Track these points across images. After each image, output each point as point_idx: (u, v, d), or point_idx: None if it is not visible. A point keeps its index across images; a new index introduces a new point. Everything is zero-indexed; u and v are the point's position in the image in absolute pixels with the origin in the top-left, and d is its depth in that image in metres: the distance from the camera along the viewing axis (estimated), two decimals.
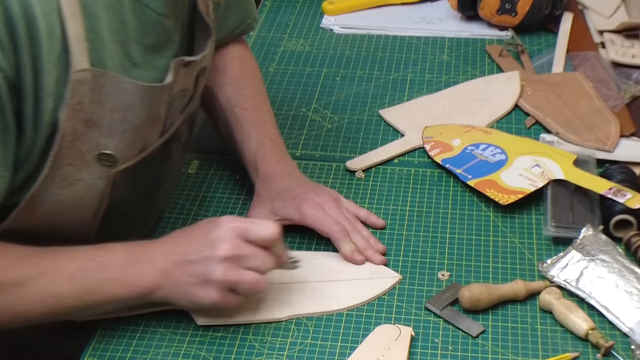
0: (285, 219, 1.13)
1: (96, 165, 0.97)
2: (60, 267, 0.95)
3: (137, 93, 0.97)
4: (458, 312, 1.03)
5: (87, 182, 0.98)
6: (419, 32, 1.65)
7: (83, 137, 0.94)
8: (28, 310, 0.93)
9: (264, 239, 0.98)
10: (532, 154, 1.25)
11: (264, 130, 1.22)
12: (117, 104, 0.96)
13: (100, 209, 1.02)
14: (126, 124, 0.97)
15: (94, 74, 0.92)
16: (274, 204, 1.14)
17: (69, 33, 0.89)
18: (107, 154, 0.97)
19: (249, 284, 0.97)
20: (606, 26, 1.59)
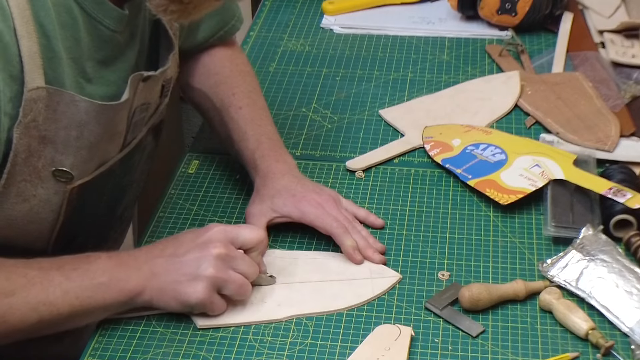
0: (285, 217, 1.13)
1: (52, 181, 0.98)
2: (48, 276, 0.95)
3: (92, 111, 0.97)
4: (458, 312, 1.03)
5: (43, 198, 0.98)
6: (419, 32, 1.65)
7: (38, 153, 0.95)
8: (20, 320, 0.93)
9: (251, 242, 1.01)
10: (532, 154, 1.25)
11: (261, 129, 1.22)
12: (72, 122, 0.96)
13: (57, 224, 1.02)
14: (82, 141, 0.98)
15: (49, 91, 0.92)
16: (273, 201, 1.14)
17: (23, 51, 0.89)
18: (63, 170, 0.98)
19: (237, 285, 0.99)
20: (606, 26, 1.59)
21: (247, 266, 1.00)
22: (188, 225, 1.18)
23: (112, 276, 0.97)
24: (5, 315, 0.92)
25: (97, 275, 0.96)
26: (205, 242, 0.99)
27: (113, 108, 1.00)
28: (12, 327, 0.93)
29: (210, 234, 1.00)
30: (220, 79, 1.26)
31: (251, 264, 1.01)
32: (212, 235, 1.00)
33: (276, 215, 1.13)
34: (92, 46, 0.99)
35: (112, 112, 1.00)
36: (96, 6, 0.97)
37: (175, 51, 1.10)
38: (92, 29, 0.98)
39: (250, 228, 1.03)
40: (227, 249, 0.99)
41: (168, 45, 1.10)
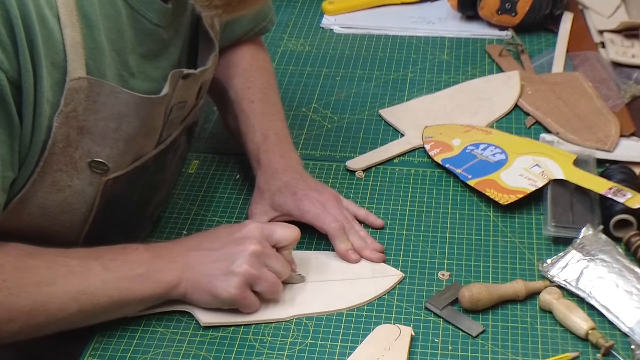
0: (285, 215, 1.13)
1: (87, 172, 0.98)
2: (88, 266, 0.96)
3: (132, 103, 0.97)
4: (458, 312, 1.03)
5: (77, 189, 0.98)
6: (419, 32, 1.65)
7: (75, 144, 0.95)
8: (60, 309, 0.94)
9: (286, 240, 1.02)
10: (532, 154, 1.25)
11: (270, 124, 1.21)
12: (111, 113, 0.96)
13: (89, 216, 1.02)
14: (120, 133, 0.98)
15: (91, 82, 0.92)
16: (274, 199, 1.14)
17: (67, 40, 0.89)
18: (99, 161, 0.98)
19: (269, 283, 1.00)
20: (606, 26, 1.59)
21: (280, 265, 1.01)
22: (188, 225, 1.18)
23: (149, 268, 0.98)
24: (47, 304, 0.93)
25: (135, 267, 0.97)
26: (241, 237, 1.00)
27: (152, 102, 1.00)
28: (52, 316, 0.94)
29: (246, 230, 1.01)
30: (237, 71, 1.26)
31: (284, 262, 1.02)
32: (248, 231, 1.00)
33: (277, 214, 1.13)
34: (135, 39, 0.98)
35: (150, 106, 1.00)
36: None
37: (216, 53, 1.10)
38: (135, 22, 0.98)
39: (286, 226, 1.03)
40: (262, 245, 1.00)
41: (208, 46, 1.09)
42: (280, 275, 1.01)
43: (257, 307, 1.01)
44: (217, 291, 0.98)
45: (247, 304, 1.00)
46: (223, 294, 0.98)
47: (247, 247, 0.99)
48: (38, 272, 0.93)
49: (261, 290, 1.00)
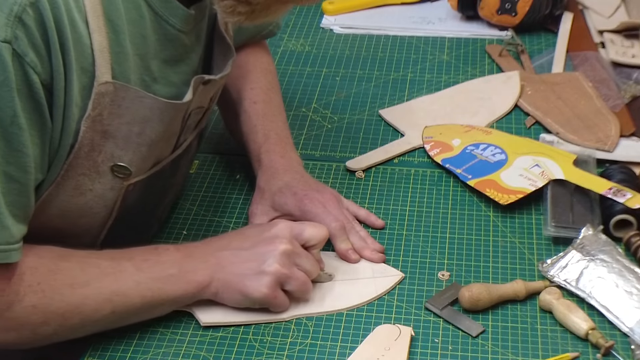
0: (286, 215, 1.13)
1: (109, 177, 0.98)
2: (120, 267, 0.96)
3: (157, 108, 0.98)
4: (458, 312, 1.03)
5: (98, 193, 0.98)
6: (419, 32, 1.65)
7: (99, 148, 0.95)
8: (94, 311, 0.94)
9: (315, 239, 1.02)
10: (532, 154, 1.25)
11: (272, 124, 1.22)
12: (135, 118, 0.96)
13: (108, 220, 1.03)
14: (143, 137, 0.98)
15: (116, 87, 0.93)
16: (274, 199, 1.14)
17: (94, 45, 0.90)
18: (122, 165, 0.98)
19: (299, 282, 1.00)
20: (606, 26, 1.59)
21: (310, 264, 1.02)
22: (188, 225, 1.18)
23: (181, 268, 0.98)
24: (81, 306, 0.93)
25: (166, 267, 0.98)
26: (271, 237, 1.00)
27: (175, 107, 1.01)
28: (86, 318, 0.94)
29: (276, 229, 1.01)
30: (241, 72, 1.26)
31: (313, 261, 1.02)
32: (278, 230, 1.01)
33: (277, 214, 1.14)
34: (157, 45, 0.99)
35: (174, 111, 1.01)
36: (163, 4, 0.97)
37: (234, 58, 1.10)
38: (159, 27, 0.98)
39: (315, 225, 1.04)
40: (292, 245, 1.00)
41: (225, 51, 1.10)
42: (310, 274, 1.02)
43: (287, 306, 1.02)
44: (248, 290, 0.99)
45: (278, 303, 1.01)
46: (254, 293, 0.99)
47: (278, 247, 0.99)
48: (71, 274, 0.94)
49: (291, 289, 1.01)
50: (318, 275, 1.04)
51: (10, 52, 0.82)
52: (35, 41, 0.84)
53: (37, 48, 0.85)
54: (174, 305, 1.00)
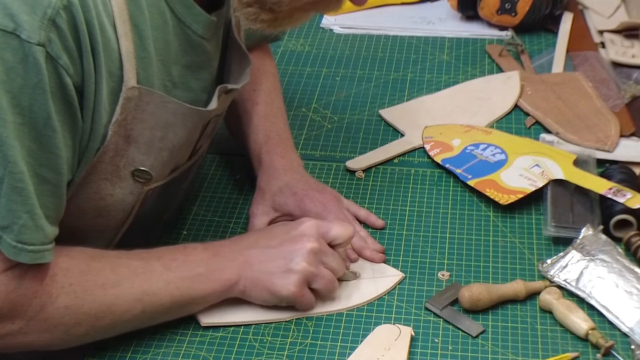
0: (286, 215, 1.13)
1: (129, 181, 0.98)
2: (150, 267, 0.97)
3: (180, 114, 0.98)
4: (458, 312, 1.03)
5: (118, 197, 0.99)
6: (419, 32, 1.65)
7: (122, 152, 0.95)
8: (125, 311, 0.95)
9: (341, 237, 1.03)
10: (532, 154, 1.25)
11: (273, 125, 1.22)
12: (159, 122, 0.97)
13: (124, 224, 1.04)
14: (165, 142, 0.99)
15: (141, 91, 0.93)
16: (275, 199, 1.14)
17: (122, 49, 0.90)
18: (143, 170, 0.98)
19: (326, 281, 1.01)
20: (606, 26, 1.59)
21: (336, 262, 1.02)
22: (188, 225, 1.18)
23: (208, 267, 0.99)
24: (112, 306, 0.94)
25: (195, 266, 0.98)
26: (298, 235, 1.01)
27: (200, 114, 1.02)
28: (117, 318, 0.95)
29: (303, 227, 1.02)
30: None
31: (339, 260, 1.03)
32: (305, 229, 1.01)
33: (278, 214, 1.14)
34: (179, 50, 0.99)
35: (197, 118, 1.02)
36: (186, 10, 0.98)
37: (251, 66, 1.10)
38: (181, 33, 0.98)
39: (341, 224, 1.04)
40: (320, 243, 1.01)
41: (241, 59, 1.10)
42: (336, 273, 1.02)
43: (314, 305, 1.02)
44: (276, 289, 0.99)
45: (305, 301, 1.01)
46: (282, 291, 0.99)
47: (305, 245, 1.00)
48: (103, 275, 0.94)
49: (318, 287, 1.01)
50: (344, 273, 1.05)
51: (44, 55, 0.83)
52: (68, 44, 0.85)
53: (69, 51, 0.85)
54: (202, 304, 1.01)
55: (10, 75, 0.82)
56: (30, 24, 0.82)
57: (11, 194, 0.85)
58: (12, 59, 0.82)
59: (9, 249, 0.87)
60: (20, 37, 0.82)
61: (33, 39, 0.82)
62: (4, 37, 0.81)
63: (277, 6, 0.94)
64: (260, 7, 0.94)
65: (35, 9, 0.82)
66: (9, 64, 0.82)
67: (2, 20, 0.81)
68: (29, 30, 0.82)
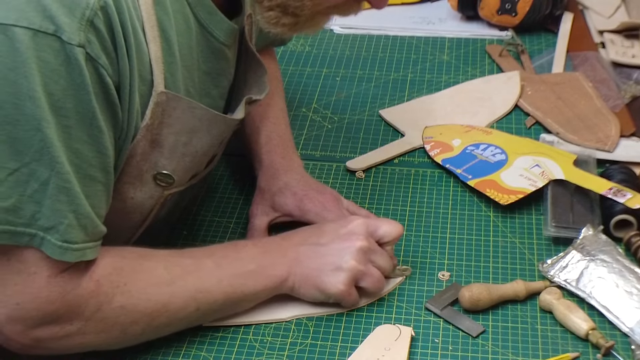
0: (286, 215, 1.14)
1: (151, 185, 0.98)
2: (201, 264, 0.97)
3: (206, 119, 0.99)
4: (458, 312, 1.03)
5: (138, 201, 0.99)
6: (419, 32, 1.65)
7: (146, 156, 0.95)
8: (180, 309, 0.95)
9: (390, 236, 1.03)
10: (532, 154, 1.25)
11: (274, 127, 1.22)
12: (184, 127, 0.97)
13: (141, 227, 1.04)
14: (189, 147, 0.99)
15: (169, 96, 0.93)
16: (274, 199, 1.14)
17: (151, 54, 0.91)
18: (165, 174, 0.99)
19: (375, 279, 1.02)
20: (606, 26, 1.59)
21: (385, 260, 1.03)
22: (188, 225, 1.18)
23: (260, 263, 0.99)
24: (167, 304, 0.94)
25: (246, 263, 0.99)
26: (348, 233, 1.01)
27: (225, 121, 1.02)
28: (172, 316, 0.95)
29: (352, 226, 1.02)
30: None
31: (387, 258, 1.04)
32: (354, 227, 1.02)
33: (277, 214, 1.14)
34: (201, 56, 1.00)
35: (223, 125, 1.02)
36: (209, 16, 0.98)
37: (267, 74, 1.10)
38: (203, 39, 0.99)
39: (389, 222, 1.05)
40: (369, 242, 1.01)
41: (257, 68, 1.10)
42: (384, 271, 1.03)
43: (358, 303, 1.03)
44: (325, 286, 1.00)
45: (352, 300, 1.02)
46: (331, 289, 1.00)
47: (355, 243, 1.00)
48: (156, 273, 0.95)
49: (366, 285, 1.02)
50: (392, 271, 1.05)
51: (84, 56, 0.83)
52: (106, 44, 0.85)
53: (107, 51, 0.85)
54: (254, 301, 1.01)
55: (53, 77, 0.82)
56: (70, 25, 0.82)
57: (58, 195, 0.85)
58: (55, 60, 0.82)
59: (54, 249, 0.86)
60: (61, 39, 0.82)
61: (74, 41, 0.82)
62: (46, 39, 0.81)
63: (300, 10, 0.95)
64: (282, 11, 0.95)
65: (74, 11, 0.82)
66: (51, 66, 0.82)
67: (42, 22, 0.81)
68: (69, 32, 0.82)
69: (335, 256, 1.00)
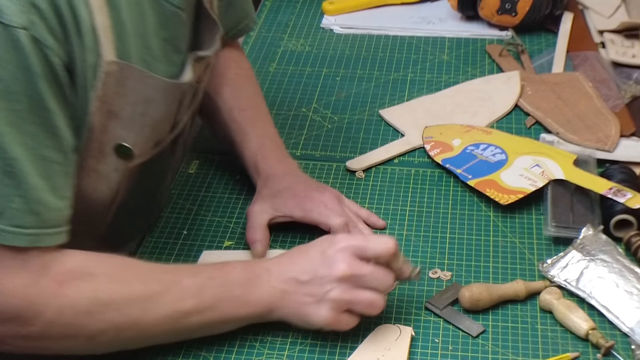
0: (287, 216, 1.13)
1: (113, 158, 0.97)
2: (183, 283, 0.94)
3: (160, 88, 0.97)
4: (458, 312, 1.03)
5: (103, 174, 0.98)
6: (419, 32, 1.65)
7: (104, 128, 0.94)
8: (153, 326, 0.92)
9: (381, 255, 0.97)
10: (532, 154, 1.25)
11: (263, 131, 1.22)
12: (139, 98, 0.96)
13: (114, 203, 1.02)
14: (146, 118, 0.97)
15: (121, 66, 0.92)
16: (274, 200, 1.14)
17: (98, 24, 0.89)
18: (125, 146, 0.97)
19: (365, 304, 0.96)
20: (606, 26, 1.59)
21: (379, 281, 0.96)
22: (188, 225, 1.18)
23: (245, 291, 0.96)
24: (138, 320, 0.91)
25: (231, 288, 0.95)
26: (329, 261, 0.96)
27: (179, 87, 1.00)
28: (145, 331, 0.92)
29: (335, 250, 0.96)
30: (225, 80, 1.25)
31: (383, 277, 0.97)
32: (337, 254, 0.96)
33: (278, 214, 1.13)
34: (157, 23, 0.98)
35: (177, 91, 1.00)
36: None
37: (220, 32, 1.09)
38: (157, 5, 0.98)
39: (378, 239, 0.99)
40: (352, 268, 0.95)
41: (212, 27, 1.08)
42: (380, 290, 0.97)
43: (355, 323, 0.98)
44: (311, 319, 0.96)
45: (342, 326, 0.97)
46: (318, 321, 0.96)
47: (336, 273, 0.95)
48: (132, 286, 0.92)
49: (359, 310, 0.97)
50: (406, 276, 1.00)
51: (28, 38, 0.82)
52: (51, 24, 0.84)
53: (53, 31, 0.84)
54: (236, 325, 0.98)
55: (1, 63, 0.82)
56: (10, 7, 0.81)
57: (3, 179, 0.84)
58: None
59: (4, 234, 0.85)
60: (3, 23, 0.81)
61: (15, 23, 0.81)
62: None
63: None
64: None
65: None
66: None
67: None
68: (10, 14, 0.81)
69: (318, 287, 0.95)
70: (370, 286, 0.96)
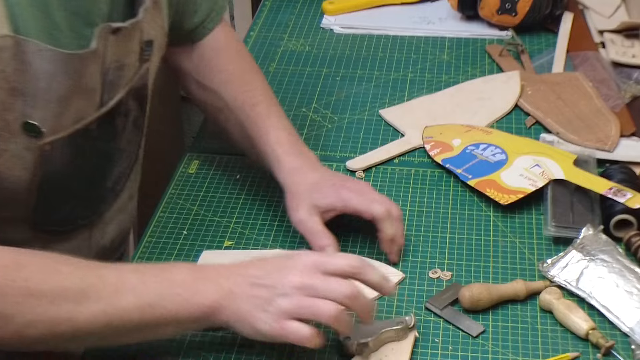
0: (329, 210, 1.09)
1: (22, 136, 0.94)
2: (124, 279, 0.91)
3: (59, 61, 0.93)
4: (458, 312, 1.03)
5: (15, 153, 0.94)
6: (419, 32, 1.65)
7: (8, 106, 0.91)
8: (88, 322, 0.88)
9: (343, 271, 0.93)
10: (532, 154, 1.25)
11: (279, 124, 1.18)
12: (39, 72, 0.92)
13: (33, 183, 0.98)
14: (50, 93, 0.93)
15: (16, 40, 0.89)
16: (313, 196, 1.09)
17: None
18: (32, 124, 0.93)
19: (313, 309, 0.91)
20: (606, 26, 1.59)
21: (330, 290, 0.91)
22: (188, 225, 1.18)
23: (188, 288, 0.91)
24: (74, 315, 0.87)
25: (173, 286, 0.91)
26: (285, 269, 0.93)
27: (81, 58, 0.95)
28: (79, 330, 0.88)
29: (292, 262, 0.94)
30: (228, 76, 1.22)
31: (337, 285, 0.92)
32: (294, 264, 0.93)
33: (321, 210, 1.09)
34: None
35: (80, 63, 0.95)
36: None
37: (147, 7, 1.03)
38: None
39: (342, 256, 0.96)
40: (304, 277, 0.92)
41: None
42: (333, 299, 0.91)
43: (306, 332, 0.91)
44: (256, 325, 0.92)
45: (289, 334, 0.92)
46: (261, 328, 0.92)
47: (286, 280, 0.92)
48: (68, 279, 0.88)
49: (307, 317, 0.91)
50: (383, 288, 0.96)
51: None
52: None
53: None
54: (178, 327, 0.94)
55: None
56: None
57: None
58: None
59: None
60: None
61: None
62: None
63: None
64: None
65: None
66: None
67: None
68: None
69: (266, 293, 0.91)
70: (322, 295, 0.91)
